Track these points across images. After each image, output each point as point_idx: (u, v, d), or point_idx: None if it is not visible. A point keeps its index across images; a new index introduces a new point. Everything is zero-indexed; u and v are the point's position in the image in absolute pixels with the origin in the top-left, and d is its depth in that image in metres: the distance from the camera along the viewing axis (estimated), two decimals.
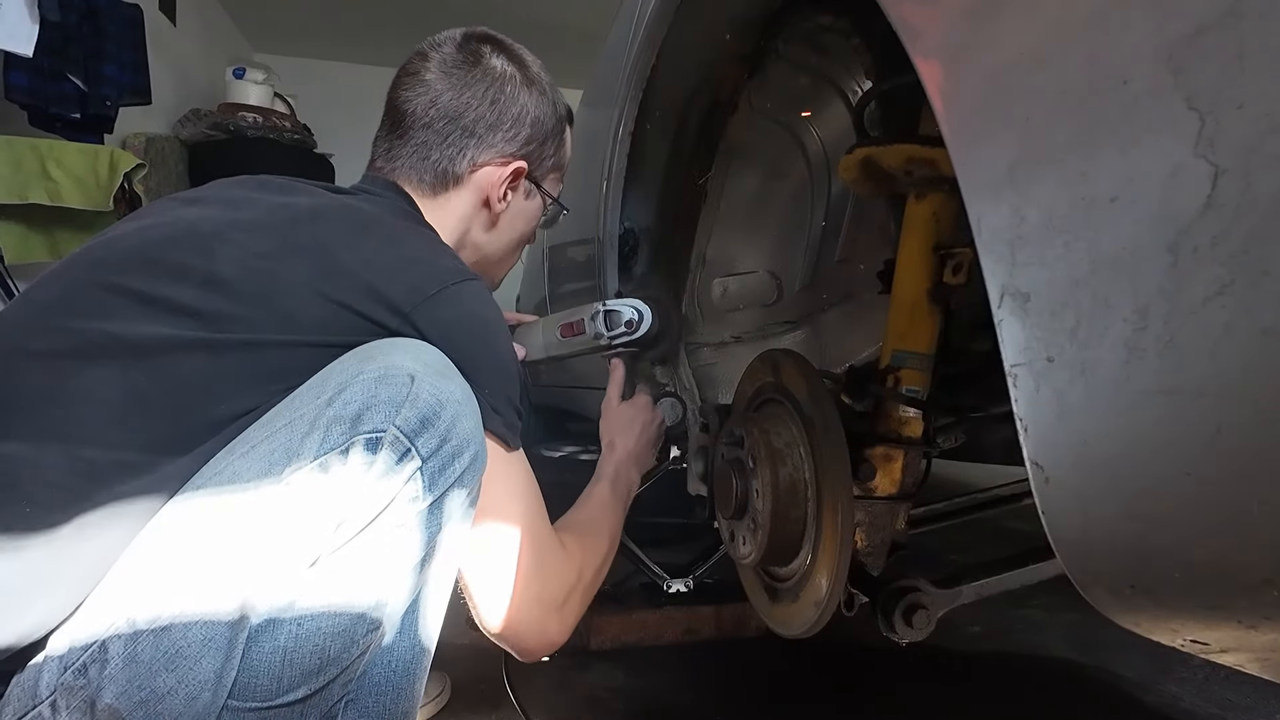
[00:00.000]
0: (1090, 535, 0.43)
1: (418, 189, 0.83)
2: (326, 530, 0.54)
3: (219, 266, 0.65)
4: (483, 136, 0.83)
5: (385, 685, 0.60)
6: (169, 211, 0.72)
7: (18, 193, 2.11)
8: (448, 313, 0.68)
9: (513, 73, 0.85)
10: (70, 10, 2.22)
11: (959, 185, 0.46)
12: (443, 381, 0.60)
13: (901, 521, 0.80)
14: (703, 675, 1.31)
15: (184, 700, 0.50)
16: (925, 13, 0.50)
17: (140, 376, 0.60)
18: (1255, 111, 0.32)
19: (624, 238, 1.34)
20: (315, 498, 0.54)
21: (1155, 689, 1.25)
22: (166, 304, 0.63)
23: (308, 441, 0.55)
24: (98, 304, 0.63)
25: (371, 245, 0.70)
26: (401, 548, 0.58)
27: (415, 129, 0.82)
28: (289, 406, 0.59)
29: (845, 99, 1.07)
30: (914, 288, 0.78)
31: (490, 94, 0.83)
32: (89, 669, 0.50)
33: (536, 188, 0.91)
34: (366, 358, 0.61)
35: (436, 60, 0.84)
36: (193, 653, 0.51)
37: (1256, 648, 0.42)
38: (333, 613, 0.54)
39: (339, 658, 0.55)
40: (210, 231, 0.67)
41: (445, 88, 0.82)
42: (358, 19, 4.33)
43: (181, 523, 0.55)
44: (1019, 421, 0.44)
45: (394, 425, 0.56)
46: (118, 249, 0.67)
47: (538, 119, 0.86)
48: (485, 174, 0.84)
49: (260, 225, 0.69)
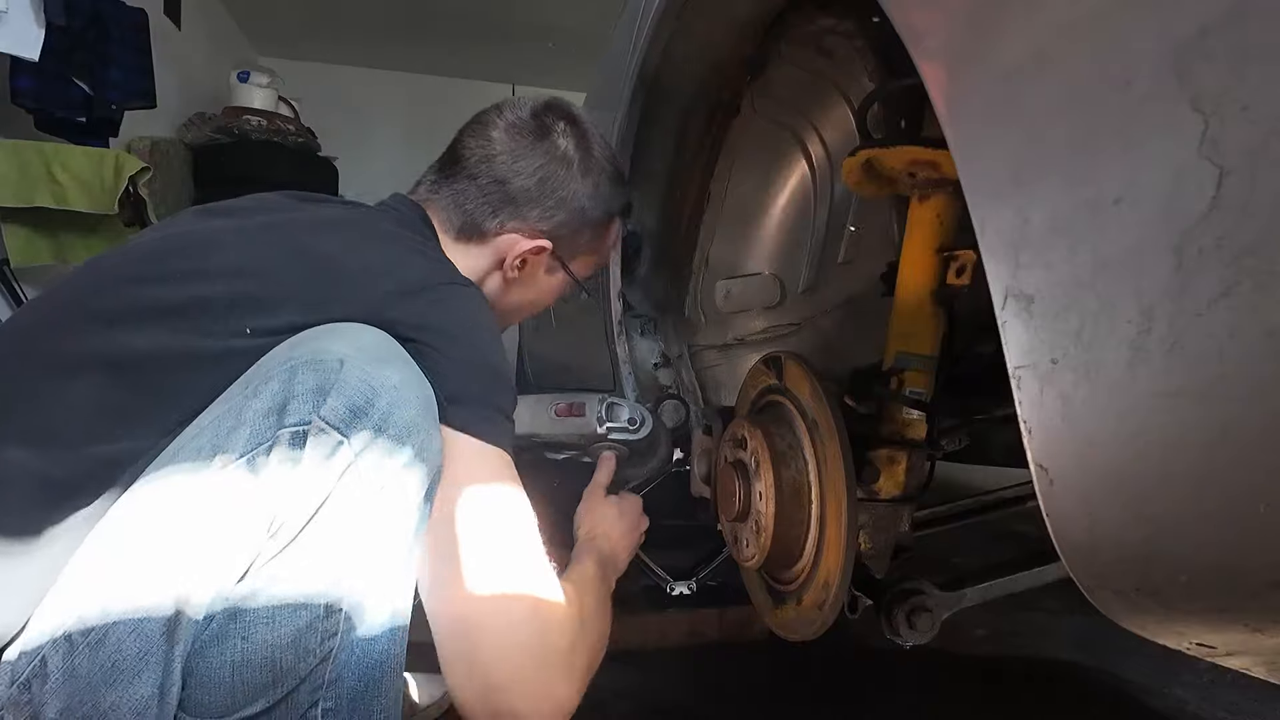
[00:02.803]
0: (1095, 538, 0.43)
1: (444, 226, 0.84)
2: (260, 534, 0.52)
3: (209, 266, 0.65)
4: (520, 206, 0.83)
5: (362, 687, 0.56)
6: (185, 223, 0.74)
7: (24, 196, 2.13)
8: (429, 307, 0.65)
9: (574, 157, 0.84)
10: (76, 14, 2.23)
11: (962, 187, 0.46)
12: (377, 366, 0.56)
13: (905, 524, 0.80)
14: (706, 678, 1.30)
15: (130, 715, 0.49)
16: (928, 15, 0.50)
17: (119, 386, 0.59)
18: (1259, 113, 0.32)
19: (627, 240, 1.34)
20: (244, 500, 0.52)
21: (1161, 693, 1.24)
22: (152, 307, 0.63)
23: (234, 437, 0.53)
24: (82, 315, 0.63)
25: (374, 250, 0.70)
26: (346, 548, 0.54)
27: (462, 176, 0.83)
28: (220, 400, 0.56)
29: (848, 101, 1.07)
30: (917, 290, 0.78)
31: (542, 172, 0.83)
32: (31, 684, 0.49)
33: (562, 266, 0.90)
34: (296, 344, 0.57)
35: (508, 120, 0.84)
36: (129, 667, 0.49)
37: (1263, 651, 0.42)
38: (278, 621, 0.52)
39: (295, 667, 0.52)
40: (210, 238, 0.69)
41: (503, 149, 0.82)
42: (362, 23, 4.35)
43: (111, 536, 0.53)
44: (1023, 424, 0.44)
45: (318, 415, 0.52)
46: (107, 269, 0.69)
47: (582, 209, 0.86)
48: (508, 240, 0.83)
49: (263, 230, 0.70)
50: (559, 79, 4.71)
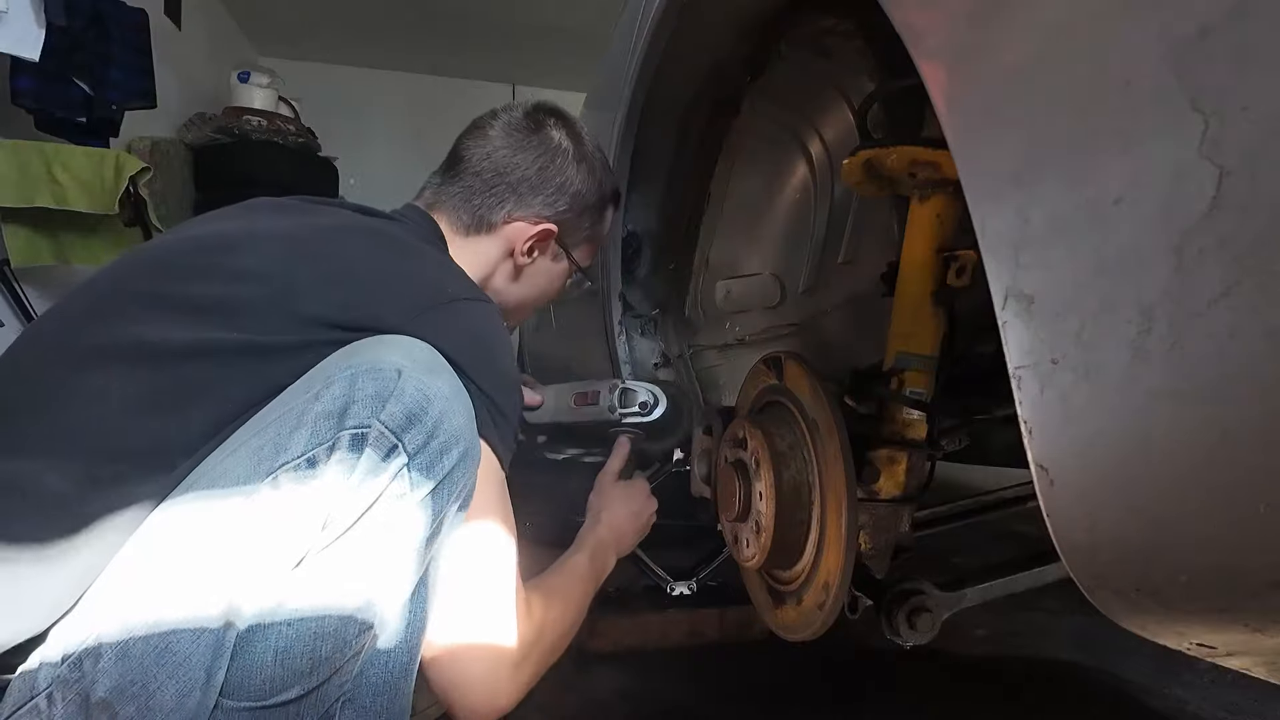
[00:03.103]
0: (1095, 538, 0.43)
1: (453, 226, 0.90)
2: (313, 528, 0.55)
3: (233, 264, 0.68)
4: (524, 196, 0.90)
5: (382, 685, 0.60)
6: (201, 225, 0.77)
7: (24, 196, 2.13)
8: (450, 324, 0.68)
9: (568, 147, 0.92)
10: (76, 15, 2.23)
11: (962, 187, 0.46)
12: (430, 377, 0.60)
13: (905, 524, 0.80)
14: (706, 678, 1.30)
15: (175, 697, 0.51)
16: (928, 15, 0.50)
17: (141, 382, 0.60)
18: (1260, 113, 0.32)
19: (627, 240, 1.34)
20: (302, 495, 0.55)
21: (1161, 693, 1.24)
22: (171, 301, 0.65)
23: (295, 437, 0.56)
24: (108, 311, 0.65)
25: (387, 258, 0.74)
26: (390, 546, 0.57)
27: (467, 175, 0.90)
28: (279, 403, 0.60)
29: (848, 101, 1.07)
30: (918, 290, 0.78)
31: (540, 161, 0.90)
32: (84, 662, 0.51)
33: (565, 253, 0.97)
34: (353, 353, 0.61)
35: (504, 121, 0.92)
36: (182, 649, 0.51)
37: (1264, 651, 0.42)
38: (322, 613, 0.55)
39: (331, 658, 0.55)
40: (231, 239, 0.71)
41: (502, 145, 0.90)
42: (362, 23, 4.35)
43: (172, 523, 0.56)
44: (1023, 424, 0.44)
45: (378, 420, 0.56)
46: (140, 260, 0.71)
47: (580, 193, 0.93)
48: (516, 228, 0.90)
49: (280, 235, 0.72)
50: (559, 79, 4.72)
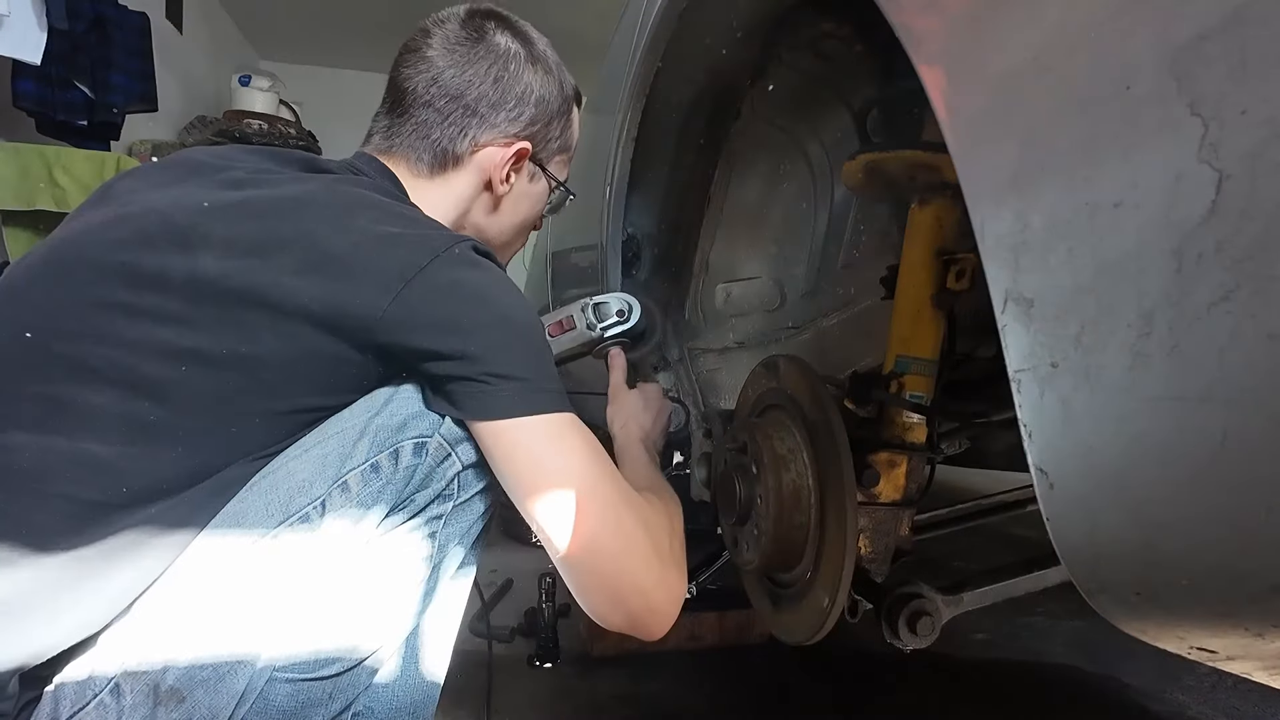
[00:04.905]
0: (1096, 542, 0.43)
1: (414, 169, 0.80)
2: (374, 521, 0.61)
3: (202, 265, 0.60)
4: (485, 116, 0.80)
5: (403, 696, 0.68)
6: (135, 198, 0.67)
7: (25, 199, 2.13)
8: (441, 279, 0.62)
9: (517, 50, 0.81)
10: (78, 18, 2.24)
11: (962, 191, 0.46)
12: None
13: (905, 527, 0.80)
14: (706, 681, 1.30)
15: (242, 679, 0.56)
16: (928, 19, 0.50)
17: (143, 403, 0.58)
18: (1259, 117, 0.32)
19: (627, 243, 1.34)
20: (366, 493, 0.61)
21: (1162, 697, 1.24)
22: (155, 316, 0.59)
23: (359, 445, 0.61)
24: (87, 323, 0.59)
25: (359, 227, 0.64)
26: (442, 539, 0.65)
27: (416, 107, 0.79)
28: (339, 418, 0.64)
29: (848, 105, 1.07)
30: (917, 293, 0.78)
31: (494, 72, 0.79)
32: (152, 654, 0.55)
33: (542, 170, 0.87)
34: None
35: (440, 37, 0.80)
36: (247, 634, 0.57)
37: (1264, 655, 0.42)
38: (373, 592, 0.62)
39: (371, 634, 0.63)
40: (186, 224, 0.62)
41: (447, 65, 0.78)
42: (363, 27, 4.36)
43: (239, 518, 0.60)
44: (1023, 427, 0.44)
45: (439, 433, 0.63)
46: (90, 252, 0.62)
47: (543, 98, 0.83)
48: (487, 155, 0.81)
49: (242, 216, 0.64)
50: None
